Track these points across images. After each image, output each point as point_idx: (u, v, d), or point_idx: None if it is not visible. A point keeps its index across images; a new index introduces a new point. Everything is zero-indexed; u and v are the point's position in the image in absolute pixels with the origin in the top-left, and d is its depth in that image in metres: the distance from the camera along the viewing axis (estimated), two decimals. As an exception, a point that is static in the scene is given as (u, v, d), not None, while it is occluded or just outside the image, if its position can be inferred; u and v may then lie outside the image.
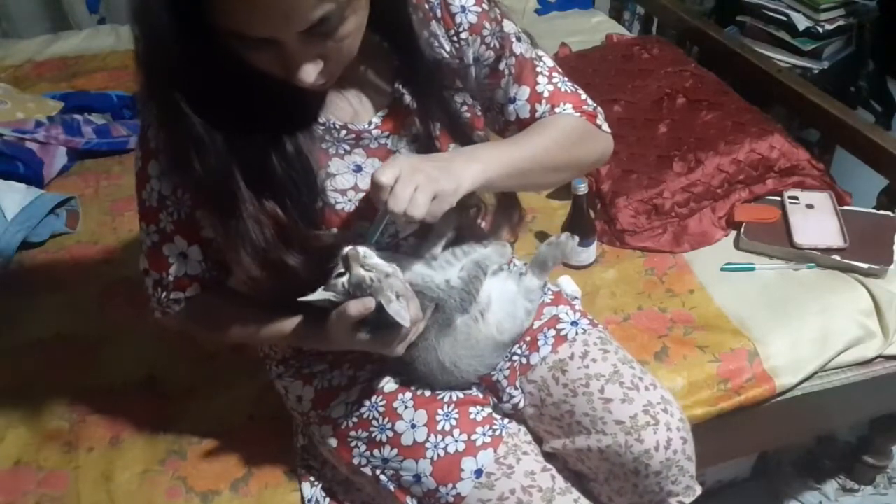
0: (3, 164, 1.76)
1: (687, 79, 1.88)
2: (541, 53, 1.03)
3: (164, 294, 0.96)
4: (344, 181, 0.91)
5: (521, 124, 1.02)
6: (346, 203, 0.90)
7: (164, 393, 1.28)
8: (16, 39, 2.58)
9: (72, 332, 1.41)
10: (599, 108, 1.05)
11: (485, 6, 0.95)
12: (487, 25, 0.96)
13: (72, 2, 2.64)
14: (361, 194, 0.91)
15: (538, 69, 1.02)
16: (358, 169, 0.92)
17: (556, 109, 1.01)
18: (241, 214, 0.83)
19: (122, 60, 2.37)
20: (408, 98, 0.92)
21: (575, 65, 2.07)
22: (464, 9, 0.94)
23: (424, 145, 0.94)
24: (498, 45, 0.97)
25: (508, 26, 0.99)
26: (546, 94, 1.01)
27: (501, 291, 1.04)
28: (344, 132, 0.91)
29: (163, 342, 1.35)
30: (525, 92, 1.01)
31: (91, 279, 1.53)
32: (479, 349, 1.02)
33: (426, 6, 0.92)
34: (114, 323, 1.42)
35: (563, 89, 1.02)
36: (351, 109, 0.92)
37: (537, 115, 1.01)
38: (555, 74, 1.03)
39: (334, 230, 0.90)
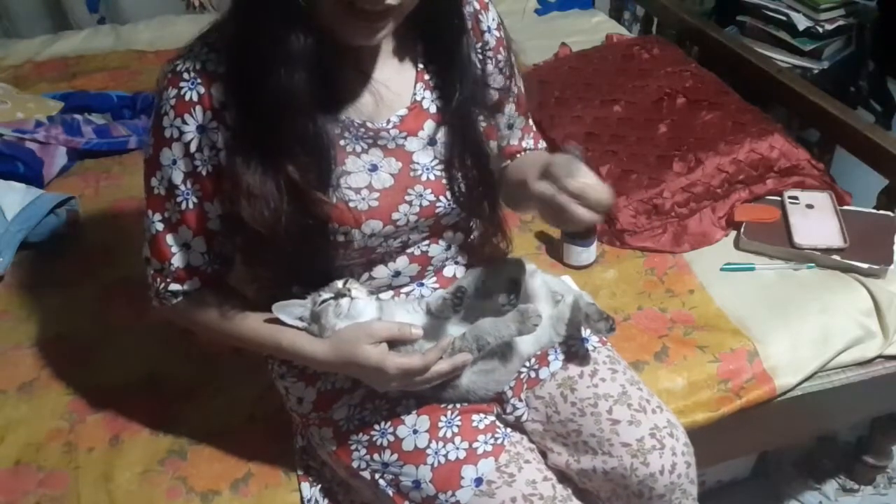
0: (3, 164, 1.76)
1: (687, 79, 1.88)
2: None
3: (163, 284, 0.96)
4: (359, 180, 0.92)
5: (506, 150, 1.10)
6: (359, 202, 0.91)
7: (164, 393, 1.28)
8: (16, 39, 2.58)
9: (72, 332, 1.41)
10: None
11: (502, 34, 1.02)
12: (502, 51, 1.02)
13: (72, 2, 2.64)
14: (375, 194, 0.92)
15: (526, 107, 1.11)
16: (373, 168, 0.93)
17: (539, 146, 1.14)
18: (264, 171, 0.84)
19: (122, 60, 2.38)
20: (427, 101, 0.95)
21: (575, 65, 2.07)
22: (489, 29, 1.00)
23: (439, 150, 0.96)
24: (508, 73, 1.03)
25: (514, 61, 1.06)
26: (533, 130, 1.14)
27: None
28: (362, 130, 0.92)
29: (163, 342, 1.35)
30: (521, 122, 1.11)
31: (91, 279, 1.53)
32: (496, 374, 1.01)
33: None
34: (114, 323, 1.42)
35: (535, 129, 1.15)
36: (371, 105, 0.92)
37: (523, 143, 1.12)
38: (529, 113, 1.14)
39: (348, 228, 0.91)
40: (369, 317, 0.92)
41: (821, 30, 2.42)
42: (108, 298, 1.47)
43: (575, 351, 1.08)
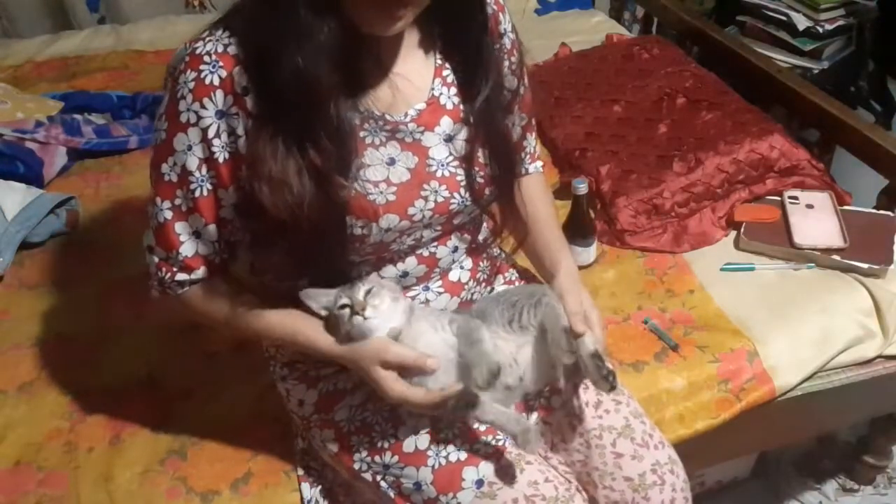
0: (3, 164, 1.76)
1: (687, 79, 1.88)
2: None
3: (169, 274, 0.93)
4: (377, 173, 0.91)
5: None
6: (377, 195, 0.90)
7: (164, 393, 1.28)
8: (16, 39, 2.58)
9: (72, 332, 1.41)
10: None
11: (516, 36, 1.04)
12: (516, 54, 1.03)
13: (72, 2, 2.64)
14: (392, 188, 0.91)
15: (531, 107, 1.12)
16: (391, 162, 0.92)
17: (531, 138, 1.14)
18: (286, 155, 0.83)
19: (122, 60, 2.38)
20: (444, 97, 0.96)
21: (575, 65, 2.07)
22: (506, 31, 1.02)
23: (456, 146, 0.96)
24: (519, 75, 1.05)
25: (524, 63, 1.07)
26: (534, 129, 1.14)
27: (541, 355, 0.99)
28: (381, 122, 0.92)
29: (163, 342, 1.36)
30: (523, 119, 1.10)
31: (91, 279, 1.53)
32: (501, 401, 0.99)
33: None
34: (114, 323, 1.42)
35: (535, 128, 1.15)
36: (389, 97, 0.91)
37: (524, 143, 1.11)
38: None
39: (366, 221, 0.90)
40: (384, 332, 0.91)
41: (821, 30, 2.42)
42: (108, 298, 1.47)
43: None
